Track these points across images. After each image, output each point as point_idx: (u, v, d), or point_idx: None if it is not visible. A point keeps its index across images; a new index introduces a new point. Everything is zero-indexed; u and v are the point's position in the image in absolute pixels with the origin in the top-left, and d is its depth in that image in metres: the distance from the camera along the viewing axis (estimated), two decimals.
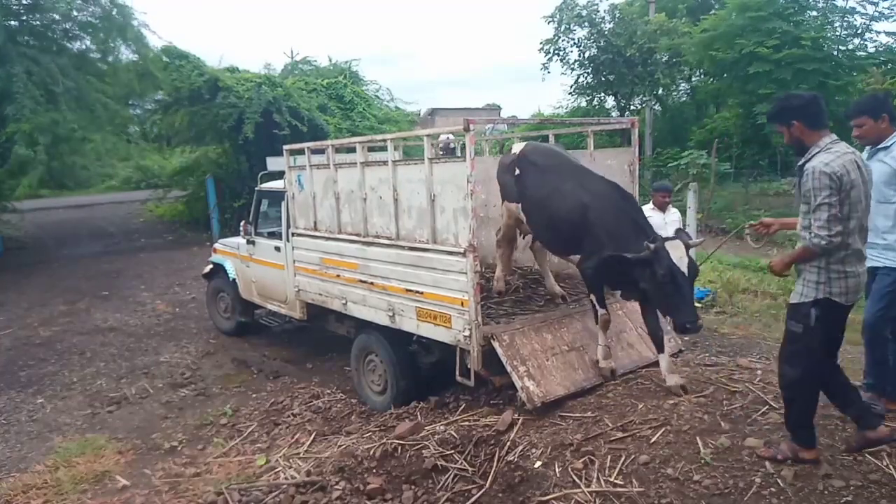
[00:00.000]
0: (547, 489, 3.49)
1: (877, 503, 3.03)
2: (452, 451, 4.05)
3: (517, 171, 5.10)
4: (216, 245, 8.86)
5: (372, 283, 5.52)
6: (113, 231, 18.53)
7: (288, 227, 6.77)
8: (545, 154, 5.20)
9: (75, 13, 13.87)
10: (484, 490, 3.64)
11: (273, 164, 7.83)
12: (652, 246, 3.99)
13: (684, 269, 3.88)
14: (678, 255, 3.90)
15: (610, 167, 5.71)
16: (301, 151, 6.41)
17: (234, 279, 8.04)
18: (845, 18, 14.88)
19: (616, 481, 3.43)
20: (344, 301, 5.95)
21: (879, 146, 3.87)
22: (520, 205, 5.15)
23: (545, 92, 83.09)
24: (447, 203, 4.66)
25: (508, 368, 4.43)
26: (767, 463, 3.35)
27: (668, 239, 4.03)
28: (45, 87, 12.28)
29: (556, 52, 20.12)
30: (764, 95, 14.23)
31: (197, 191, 18.22)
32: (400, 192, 5.10)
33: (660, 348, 4.52)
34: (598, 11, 19.30)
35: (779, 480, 3.23)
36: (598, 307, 4.66)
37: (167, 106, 16.53)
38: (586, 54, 19.71)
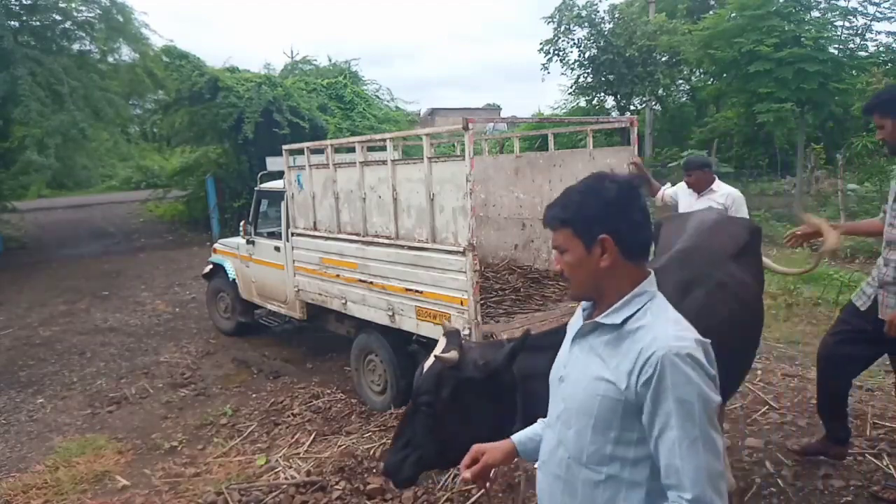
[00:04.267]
0: None
1: (877, 503, 3.02)
2: None
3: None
4: (216, 245, 8.85)
5: (371, 283, 5.52)
6: (113, 231, 18.55)
7: (287, 227, 6.77)
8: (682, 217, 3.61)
9: (76, 13, 13.89)
10: (484, 490, 3.63)
11: (273, 164, 7.84)
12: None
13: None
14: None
15: (609, 166, 5.71)
16: (300, 151, 6.41)
17: (233, 279, 8.04)
18: (847, 18, 14.85)
19: None
20: (344, 301, 5.95)
21: None
22: None
23: (545, 92, 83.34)
24: (446, 202, 4.66)
25: None
26: (767, 462, 3.35)
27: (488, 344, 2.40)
28: (50, 88, 12.26)
29: (556, 52, 20.12)
30: (765, 94, 14.21)
31: (197, 191, 18.25)
32: (399, 191, 5.10)
33: None
34: (598, 12, 19.31)
35: (779, 480, 3.23)
36: None
37: (167, 106, 16.57)
38: (586, 54, 19.72)
